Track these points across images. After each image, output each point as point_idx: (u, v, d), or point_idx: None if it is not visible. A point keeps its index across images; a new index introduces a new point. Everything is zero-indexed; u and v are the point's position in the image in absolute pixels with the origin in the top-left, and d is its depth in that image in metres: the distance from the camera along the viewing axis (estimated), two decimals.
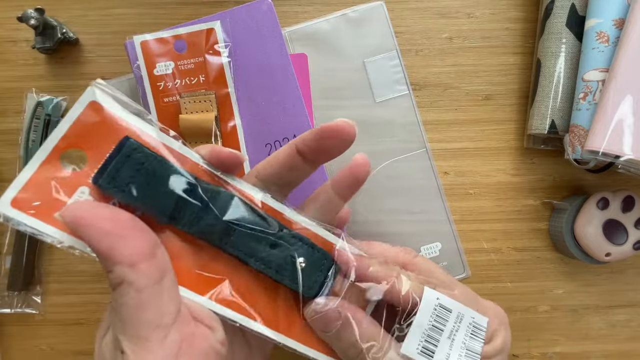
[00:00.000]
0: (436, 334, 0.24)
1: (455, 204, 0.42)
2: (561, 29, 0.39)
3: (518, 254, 0.43)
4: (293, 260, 0.23)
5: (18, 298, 0.41)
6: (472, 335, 0.25)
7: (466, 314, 0.25)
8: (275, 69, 0.39)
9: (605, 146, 0.34)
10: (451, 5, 0.43)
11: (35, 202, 0.20)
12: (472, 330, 0.25)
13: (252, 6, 0.39)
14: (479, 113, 0.43)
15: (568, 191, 0.43)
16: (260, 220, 0.23)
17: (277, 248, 0.23)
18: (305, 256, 0.24)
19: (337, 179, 0.26)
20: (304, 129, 0.38)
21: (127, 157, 0.20)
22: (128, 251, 0.19)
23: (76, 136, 0.20)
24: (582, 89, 0.36)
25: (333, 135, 0.24)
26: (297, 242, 0.24)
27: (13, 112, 0.43)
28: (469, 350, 0.25)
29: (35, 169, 0.20)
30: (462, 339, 0.25)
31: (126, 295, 0.19)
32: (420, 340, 0.24)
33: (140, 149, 0.21)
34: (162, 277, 0.20)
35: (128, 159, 0.20)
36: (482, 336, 0.25)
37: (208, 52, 0.38)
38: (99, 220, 0.19)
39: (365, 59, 0.42)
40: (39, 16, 0.39)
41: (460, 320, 0.25)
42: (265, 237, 0.23)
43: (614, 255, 0.39)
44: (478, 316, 0.26)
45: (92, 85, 0.21)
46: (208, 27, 0.38)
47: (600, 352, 0.42)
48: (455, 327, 0.25)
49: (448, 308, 0.25)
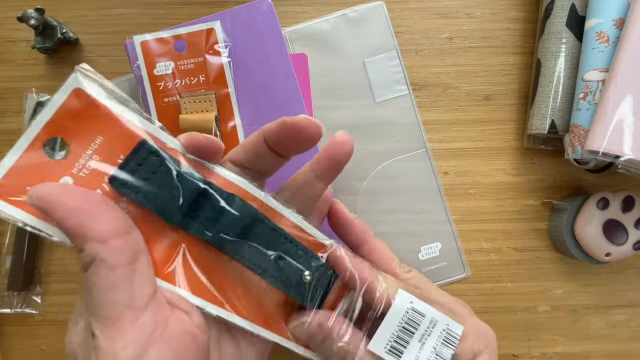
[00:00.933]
0: (406, 336, 0.24)
1: (455, 204, 0.42)
2: (561, 29, 0.39)
3: (518, 254, 0.43)
4: (300, 274, 0.24)
5: (18, 298, 0.41)
6: (445, 342, 0.25)
7: (440, 320, 0.25)
8: (275, 69, 0.39)
9: (605, 146, 0.34)
10: (451, 5, 0.43)
11: (16, 189, 0.19)
12: (444, 336, 0.25)
13: (252, 6, 0.39)
14: (479, 113, 0.43)
15: (568, 191, 0.43)
16: (271, 232, 0.23)
17: (284, 260, 0.24)
18: (311, 270, 0.24)
19: (315, 160, 0.25)
20: None
21: (144, 159, 0.21)
22: (99, 227, 0.19)
23: (59, 124, 0.20)
24: (582, 89, 0.36)
25: (292, 130, 0.22)
26: (303, 254, 0.24)
27: (13, 112, 0.43)
28: (439, 355, 0.25)
29: (17, 157, 0.20)
30: (433, 344, 0.25)
31: (97, 274, 0.18)
32: (389, 340, 0.24)
33: (157, 152, 0.21)
34: (136, 258, 0.20)
35: (144, 161, 0.21)
36: (455, 343, 0.25)
37: (208, 52, 0.38)
38: (67, 197, 0.19)
39: (365, 59, 0.42)
40: (39, 16, 0.39)
41: (433, 325, 0.25)
42: (274, 247, 0.23)
43: (614, 255, 0.39)
44: (453, 324, 0.26)
45: (76, 70, 0.20)
46: (208, 27, 0.38)
47: (600, 352, 0.42)
48: (427, 331, 0.25)
49: (421, 312, 0.25)
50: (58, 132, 0.20)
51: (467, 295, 0.42)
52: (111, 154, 0.21)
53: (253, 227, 0.23)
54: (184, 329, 0.20)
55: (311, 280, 0.24)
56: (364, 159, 0.42)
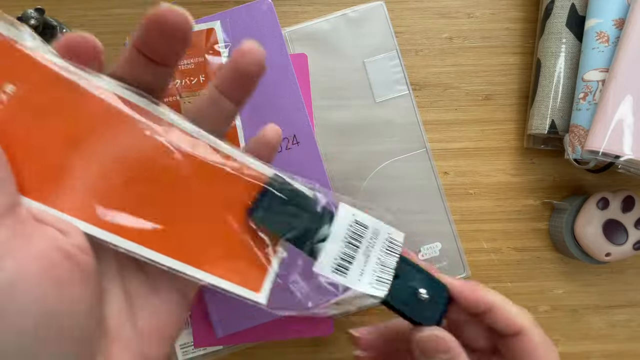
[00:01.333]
0: (351, 251, 0.23)
1: (455, 204, 0.42)
2: (561, 29, 0.39)
3: (518, 254, 0.43)
4: (415, 292, 0.24)
5: None
6: (388, 251, 0.24)
7: (382, 230, 0.24)
8: (275, 69, 0.39)
9: (605, 146, 0.34)
10: (451, 5, 0.43)
11: None
12: (387, 245, 0.24)
13: (252, 6, 0.39)
14: (479, 113, 0.43)
15: (568, 191, 0.43)
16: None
17: (399, 278, 0.24)
18: (426, 288, 0.25)
19: (219, 72, 0.21)
20: (304, 128, 0.38)
21: (274, 195, 0.23)
22: None
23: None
24: (582, 89, 0.36)
25: (154, 23, 0.19)
26: (417, 273, 0.25)
27: None
28: (384, 265, 0.24)
29: None
30: (377, 255, 0.24)
31: None
32: (335, 258, 0.23)
33: (285, 185, 0.23)
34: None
35: (275, 196, 0.23)
36: (398, 251, 0.24)
37: (208, 52, 0.38)
38: None
39: (365, 59, 0.42)
40: (39, 16, 0.39)
41: (376, 236, 0.24)
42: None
43: (614, 255, 0.39)
44: (394, 231, 0.25)
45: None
46: (208, 27, 0.38)
47: (600, 352, 0.42)
48: (371, 243, 0.24)
49: (364, 224, 0.24)
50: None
51: None
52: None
53: None
54: (54, 246, 0.17)
55: (428, 298, 0.24)
56: (364, 159, 0.42)
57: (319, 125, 0.42)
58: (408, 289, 0.24)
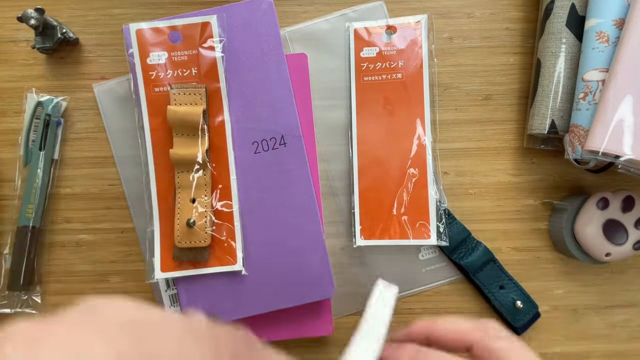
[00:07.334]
0: None
1: (455, 204, 0.42)
2: (561, 29, 0.39)
3: (518, 254, 0.42)
4: (514, 301, 0.40)
5: (18, 298, 0.41)
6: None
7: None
8: (269, 68, 0.38)
9: (605, 146, 0.34)
10: (451, 5, 0.43)
11: None
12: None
13: (253, 4, 0.38)
14: (479, 113, 0.43)
15: (568, 191, 0.43)
16: (498, 269, 0.41)
17: (504, 289, 0.40)
18: (522, 300, 0.40)
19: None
20: (292, 131, 0.38)
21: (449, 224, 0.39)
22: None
23: None
24: (582, 89, 0.36)
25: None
26: (516, 289, 0.41)
27: (13, 112, 0.43)
28: None
29: None
30: None
31: None
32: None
33: (451, 217, 0.39)
34: None
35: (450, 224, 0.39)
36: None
37: (202, 46, 0.38)
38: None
39: None
40: (39, 16, 0.39)
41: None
42: (499, 279, 0.40)
43: (614, 255, 0.39)
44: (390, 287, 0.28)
45: None
46: (204, 21, 0.38)
47: (600, 352, 0.42)
48: None
49: None
50: None
51: (467, 295, 0.42)
52: None
53: (487, 263, 0.41)
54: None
55: (522, 308, 0.40)
56: None
57: (318, 125, 0.42)
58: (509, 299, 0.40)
